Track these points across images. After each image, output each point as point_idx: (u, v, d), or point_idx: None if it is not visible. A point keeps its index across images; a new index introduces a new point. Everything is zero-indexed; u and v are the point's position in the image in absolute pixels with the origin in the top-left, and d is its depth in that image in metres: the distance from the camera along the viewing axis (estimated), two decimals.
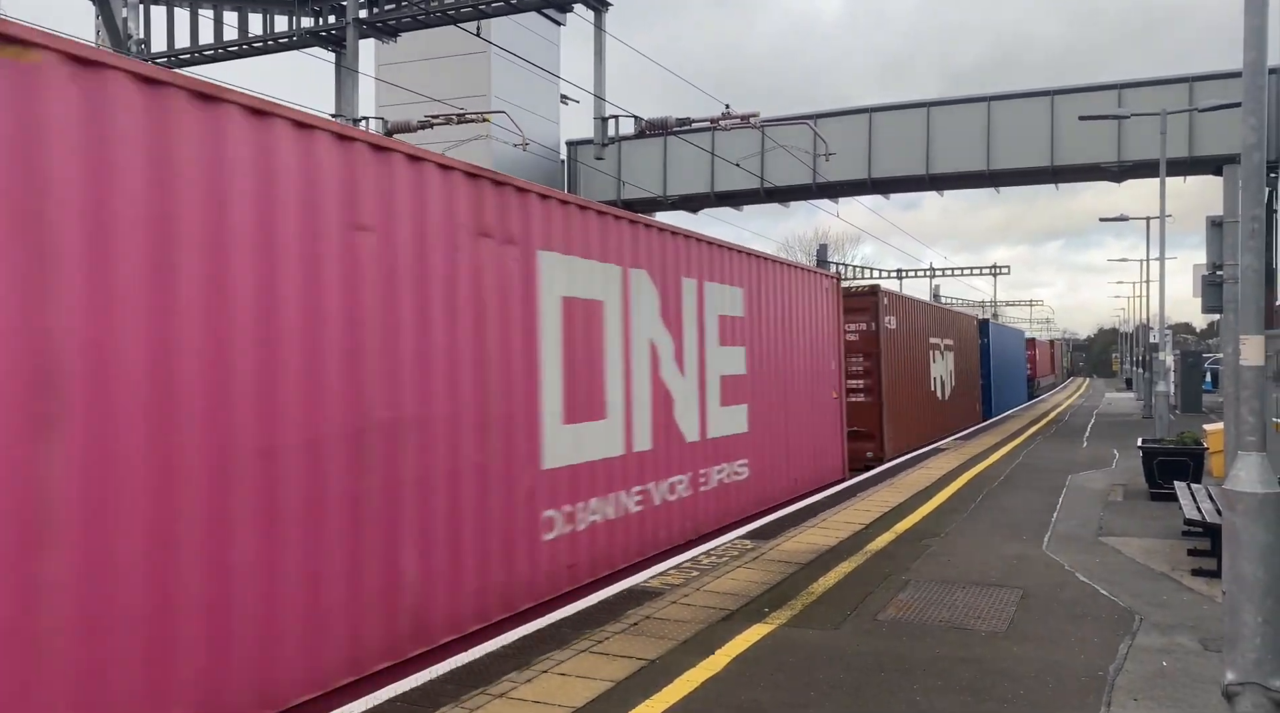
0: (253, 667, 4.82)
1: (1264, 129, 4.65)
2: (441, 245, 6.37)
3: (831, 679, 5.70)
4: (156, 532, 4.38)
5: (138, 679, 4.28)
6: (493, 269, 6.86)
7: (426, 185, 6.29)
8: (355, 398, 5.55)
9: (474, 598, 6.51)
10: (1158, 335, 27.41)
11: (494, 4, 16.36)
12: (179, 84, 4.66)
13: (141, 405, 4.35)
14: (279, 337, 5.07)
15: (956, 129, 28.30)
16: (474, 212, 6.72)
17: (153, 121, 4.49)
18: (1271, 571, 4.58)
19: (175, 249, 4.56)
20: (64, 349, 4.05)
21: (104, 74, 4.32)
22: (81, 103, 4.20)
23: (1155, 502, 12.52)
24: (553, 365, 7.57)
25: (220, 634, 4.67)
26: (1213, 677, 5.49)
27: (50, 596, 3.95)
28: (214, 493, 4.66)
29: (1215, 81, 24.99)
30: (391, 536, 5.80)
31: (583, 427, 7.99)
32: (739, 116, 16.89)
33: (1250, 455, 4.71)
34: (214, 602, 4.64)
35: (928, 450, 19.92)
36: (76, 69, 4.19)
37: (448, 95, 22.83)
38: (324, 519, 5.30)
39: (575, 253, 7.92)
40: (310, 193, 5.35)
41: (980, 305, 76.77)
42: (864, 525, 10.87)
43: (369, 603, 5.61)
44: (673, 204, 31.46)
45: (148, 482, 4.35)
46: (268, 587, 4.93)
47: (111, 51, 6.02)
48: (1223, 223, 7.75)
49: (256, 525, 4.88)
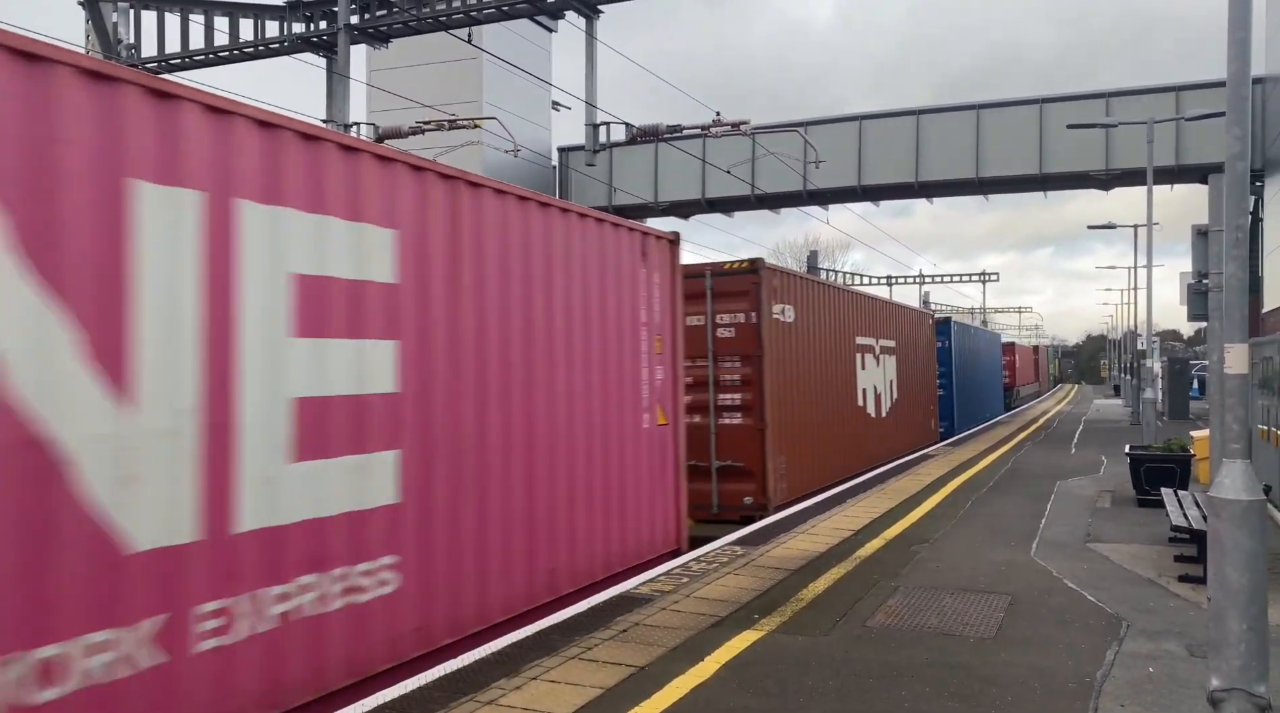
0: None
1: (1247, 139, 4.70)
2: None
3: (821, 686, 5.72)
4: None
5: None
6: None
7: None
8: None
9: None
10: (1145, 343, 27.58)
11: (486, 10, 16.39)
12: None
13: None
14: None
15: (946, 137, 28.48)
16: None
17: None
18: (1256, 577, 4.61)
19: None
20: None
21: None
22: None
23: (1143, 508, 12.58)
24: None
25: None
26: (1199, 683, 5.52)
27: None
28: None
29: (1202, 91, 25.22)
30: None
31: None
32: (729, 124, 16.95)
33: (1235, 462, 4.75)
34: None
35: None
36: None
37: (439, 101, 22.84)
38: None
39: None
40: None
41: (970, 312, 77.13)
42: (853, 532, 10.90)
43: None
44: (664, 210, 31.55)
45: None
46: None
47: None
48: (1208, 232, 7.82)
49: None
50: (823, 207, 32.09)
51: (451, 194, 6.73)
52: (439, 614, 6.41)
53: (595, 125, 16.89)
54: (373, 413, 5.93)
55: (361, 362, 5.87)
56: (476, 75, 27.89)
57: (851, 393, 16.83)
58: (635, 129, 17.04)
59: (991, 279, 64.22)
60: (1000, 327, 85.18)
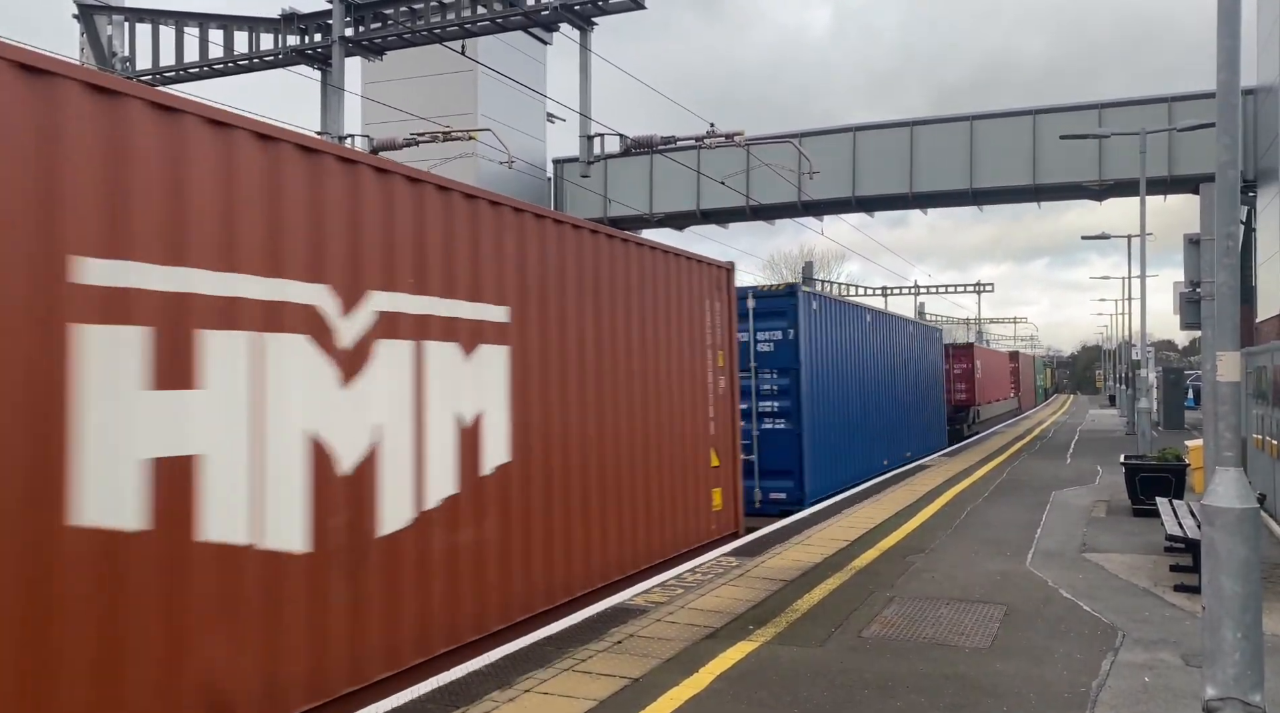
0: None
1: (1237, 148, 4.72)
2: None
3: (816, 697, 5.69)
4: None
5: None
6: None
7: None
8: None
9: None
10: (1140, 353, 27.63)
11: (480, 23, 16.42)
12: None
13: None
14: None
15: (940, 148, 28.59)
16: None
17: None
18: (1250, 585, 4.61)
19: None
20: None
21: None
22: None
23: (1138, 518, 12.58)
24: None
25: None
26: (1194, 692, 5.51)
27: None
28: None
29: (1194, 102, 25.33)
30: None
31: None
32: (723, 135, 16.98)
33: (1228, 471, 4.75)
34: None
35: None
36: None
37: (434, 113, 22.88)
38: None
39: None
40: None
41: (966, 323, 77.22)
42: (849, 542, 10.87)
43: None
44: (659, 222, 31.59)
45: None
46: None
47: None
48: (1200, 240, 7.84)
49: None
50: (817, 217, 32.16)
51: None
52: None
53: (590, 137, 16.90)
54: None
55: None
56: (471, 87, 27.95)
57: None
58: (629, 140, 17.06)
59: (986, 290, 64.23)
60: (995, 337, 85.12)
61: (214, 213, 4.98)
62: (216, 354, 4.91)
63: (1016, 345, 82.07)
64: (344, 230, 5.82)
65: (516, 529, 7.30)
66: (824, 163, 26.30)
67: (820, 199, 28.94)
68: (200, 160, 4.92)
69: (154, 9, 18.41)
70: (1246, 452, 13.47)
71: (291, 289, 5.41)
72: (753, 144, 19.64)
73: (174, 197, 4.76)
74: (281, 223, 5.36)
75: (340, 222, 5.79)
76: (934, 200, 30.07)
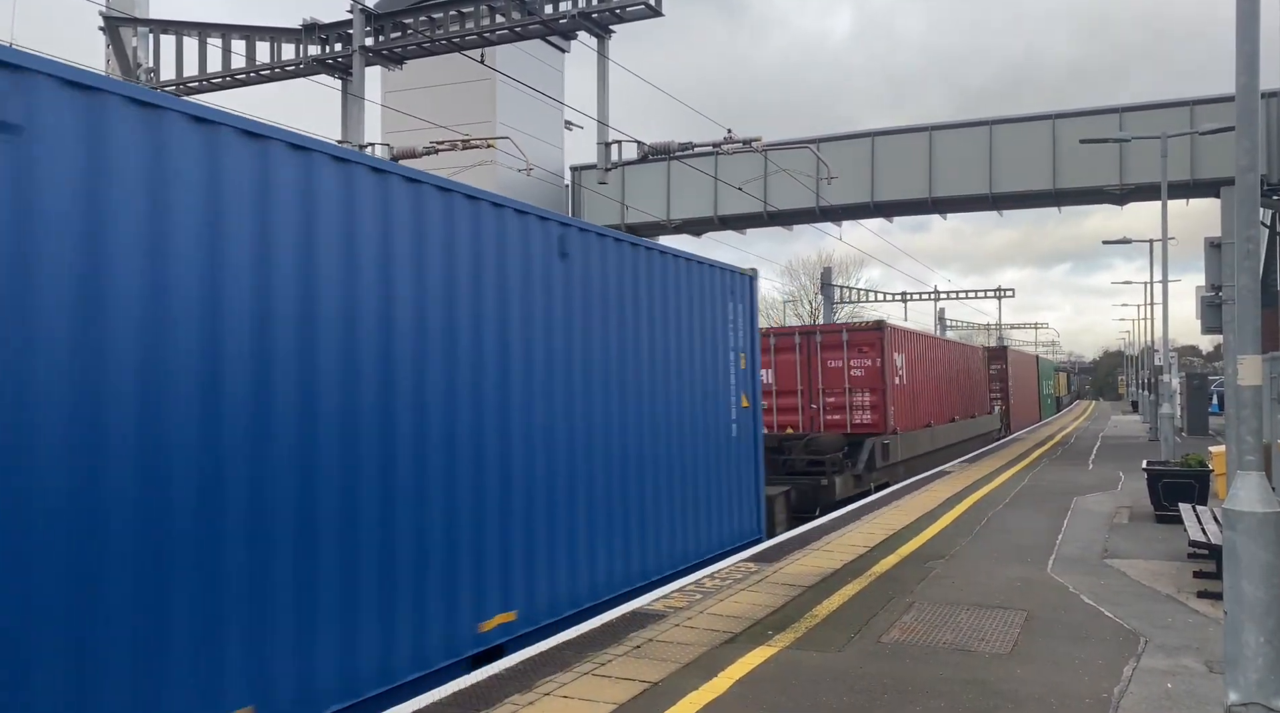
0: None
1: (1257, 151, 4.71)
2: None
3: (834, 702, 5.69)
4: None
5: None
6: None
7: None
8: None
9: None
10: (1163, 358, 27.39)
11: (499, 31, 16.54)
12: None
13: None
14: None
15: (959, 152, 28.46)
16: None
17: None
18: (1272, 590, 4.58)
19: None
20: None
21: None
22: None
23: (1161, 524, 12.47)
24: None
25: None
26: (1217, 698, 5.46)
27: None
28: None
29: (1216, 105, 25.10)
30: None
31: None
32: (741, 141, 17.00)
33: (1250, 475, 4.72)
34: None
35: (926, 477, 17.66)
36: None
37: (453, 122, 23.03)
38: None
39: None
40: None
41: (986, 328, 76.73)
42: (868, 548, 10.84)
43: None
44: (676, 228, 31.61)
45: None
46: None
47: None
48: (1221, 244, 7.80)
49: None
50: (836, 223, 32.09)
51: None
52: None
53: (607, 144, 16.95)
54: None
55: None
56: (490, 96, 28.11)
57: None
58: (647, 147, 17.10)
59: (1007, 295, 63.62)
60: (1016, 343, 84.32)
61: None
62: None
63: (1038, 351, 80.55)
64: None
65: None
66: (842, 168, 26.24)
67: (838, 204, 28.86)
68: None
69: (178, 20, 18.67)
70: (1271, 457, 13.33)
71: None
72: (770, 150, 19.67)
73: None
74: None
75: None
76: (953, 205, 29.92)
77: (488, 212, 7.13)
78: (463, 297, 6.81)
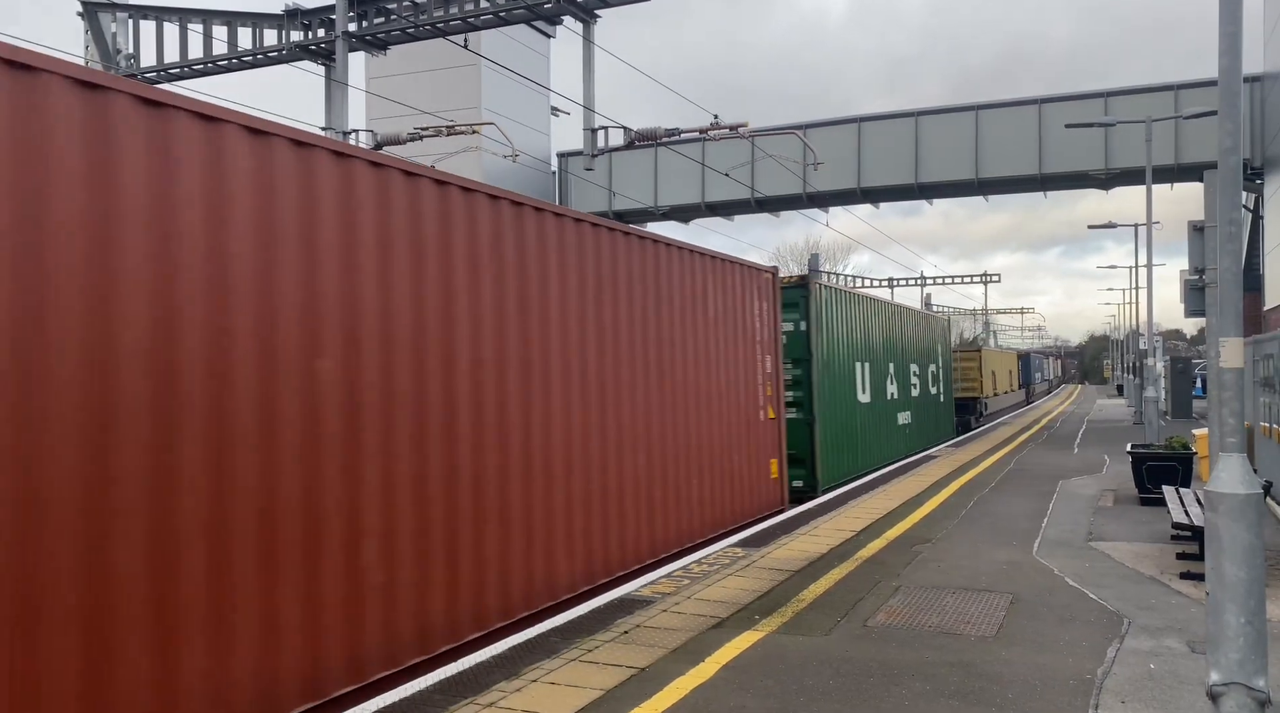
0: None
1: (1239, 133, 4.71)
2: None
3: (821, 686, 5.71)
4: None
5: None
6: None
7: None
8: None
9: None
10: (1147, 342, 27.56)
11: (483, 16, 16.43)
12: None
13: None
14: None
15: (945, 138, 28.50)
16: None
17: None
18: (1253, 571, 4.61)
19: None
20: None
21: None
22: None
23: (1145, 507, 12.57)
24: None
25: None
26: (1199, 678, 5.51)
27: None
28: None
29: (1200, 89, 25.20)
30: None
31: None
32: (727, 127, 16.96)
33: (1232, 456, 4.75)
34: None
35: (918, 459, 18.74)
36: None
37: (438, 107, 22.92)
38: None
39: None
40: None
41: (973, 313, 76.97)
42: (855, 533, 10.89)
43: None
44: (664, 214, 31.57)
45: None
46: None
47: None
48: (1204, 227, 7.82)
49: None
50: (823, 209, 32.12)
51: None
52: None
53: (594, 130, 16.90)
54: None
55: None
56: (475, 81, 27.97)
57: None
58: (634, 133, 17.05)
59: (993, 280, 63.80)
60: (1002, 328, 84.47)
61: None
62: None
63: (1023, 337, 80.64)
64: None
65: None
66: (829, 154, 26.25)
67: (825, 191, 28.89)
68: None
69: (158, 6, 18.47)
70: (1254, 440, 13.44)
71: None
72: (757, 136, 19.64)
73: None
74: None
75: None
76: (939, 191, 29.99)
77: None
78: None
